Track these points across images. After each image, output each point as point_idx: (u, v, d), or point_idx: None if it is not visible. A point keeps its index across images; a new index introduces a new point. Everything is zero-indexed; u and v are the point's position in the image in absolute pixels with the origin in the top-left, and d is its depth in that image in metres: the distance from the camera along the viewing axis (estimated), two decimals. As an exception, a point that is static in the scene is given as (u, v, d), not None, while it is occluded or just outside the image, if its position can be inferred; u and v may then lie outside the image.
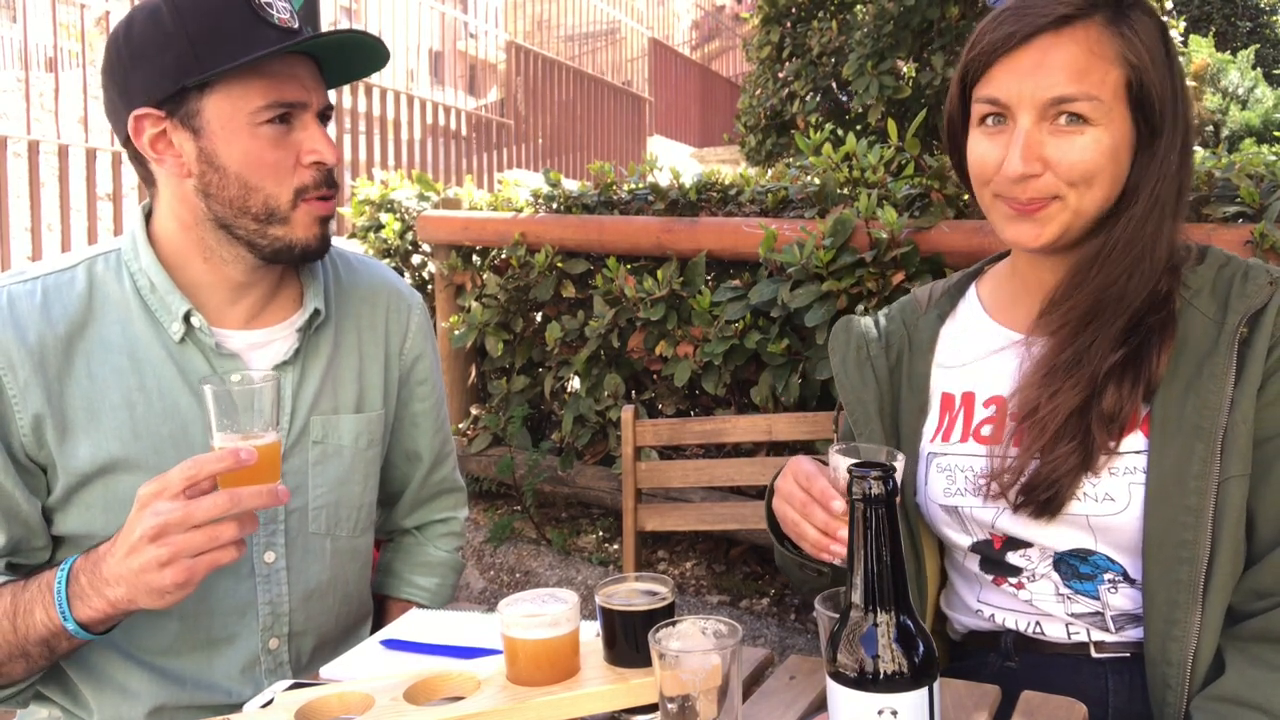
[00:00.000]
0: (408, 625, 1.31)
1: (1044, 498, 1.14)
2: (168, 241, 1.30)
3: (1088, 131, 1.11)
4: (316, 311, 1.37)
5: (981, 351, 1.27)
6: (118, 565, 1.08)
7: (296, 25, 1.23)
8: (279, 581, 1.34)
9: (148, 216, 1.33)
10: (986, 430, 1.22)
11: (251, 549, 1.31)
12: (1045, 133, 1.12)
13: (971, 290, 1.36)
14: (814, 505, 1.07)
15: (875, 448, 1.08)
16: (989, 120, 1.16)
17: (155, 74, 1.21)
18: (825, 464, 1.11)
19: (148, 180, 1.31)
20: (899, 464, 1.04)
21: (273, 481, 1.11)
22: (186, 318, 1.28)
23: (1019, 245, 1.19)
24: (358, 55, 1.30)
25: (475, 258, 3.55)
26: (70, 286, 1.27)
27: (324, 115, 1.30)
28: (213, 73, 1.18)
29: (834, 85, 4.91)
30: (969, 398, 1.26)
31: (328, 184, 1.27)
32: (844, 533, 1.04)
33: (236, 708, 1.31)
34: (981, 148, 1.17)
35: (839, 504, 1.04)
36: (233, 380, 1.12)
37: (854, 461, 1.04)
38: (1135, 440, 1.14)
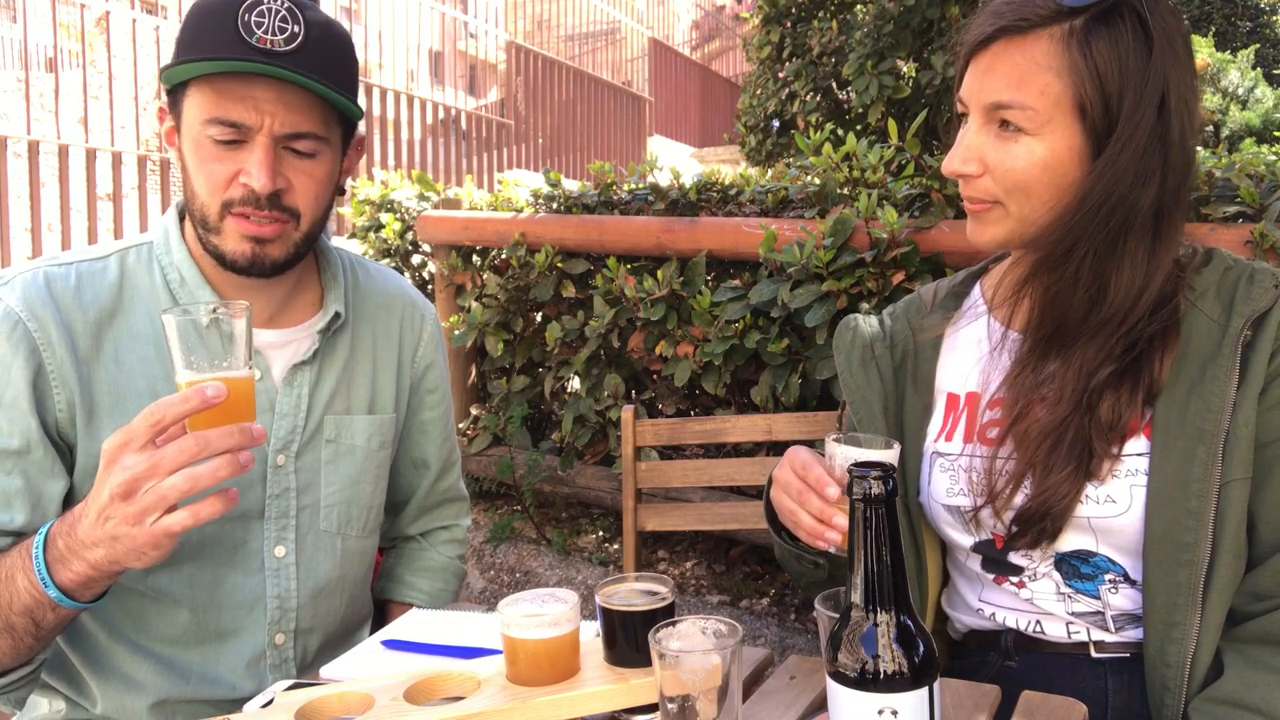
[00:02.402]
0: (408, 625, 1.31)
1: (1039, 528, 1.14)
2: (192, 240, 1.34)
3: (1022, 141, 1.12)
4: (337, 314, 1.40)
5: (985, 351, 1.27)
6: (92, 528, 1.03)
7: (286, 50, 1.20)
8: (288, 577, 1.35)
9: (182, 215, 1.36)
10: (992, 433, 1.22)
11: (263, 543, 1.33)
12: (992, 136, 1.15)
13: (976, 289, 1.36)
14: (810, 493, 1.07)
15: (872, 436, 1.08)
16: (960, 117, 1.20)
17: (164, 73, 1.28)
18: (823, 454, 1.11)
19: None
20: (895, 452, 1.05)
21: (247, 421, 1.02)
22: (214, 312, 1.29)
23: (972, 242, 1.22)
24: (327, 94, 1.25)
25: (475, 258, 3.55)
26: (103, 275, 1.30)
27: (298, 141, 1.25)
28: (167, 78, 1.23)
29: (834, 85, 4.91)
30: (973, 398, 1.26)
31: (256, 205, 1.23)
32: (839, 519, 1.05)
33: (239, 704, 1.31)
34: (954, 146, 1.20)
35: (834, 490, 1.04)
36: (200, 310, 1.03)
37: (851, 450, 1.04)
38: (1137, 443, 1.13)
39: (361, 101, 1.35)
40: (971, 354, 1.29)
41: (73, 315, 1.25)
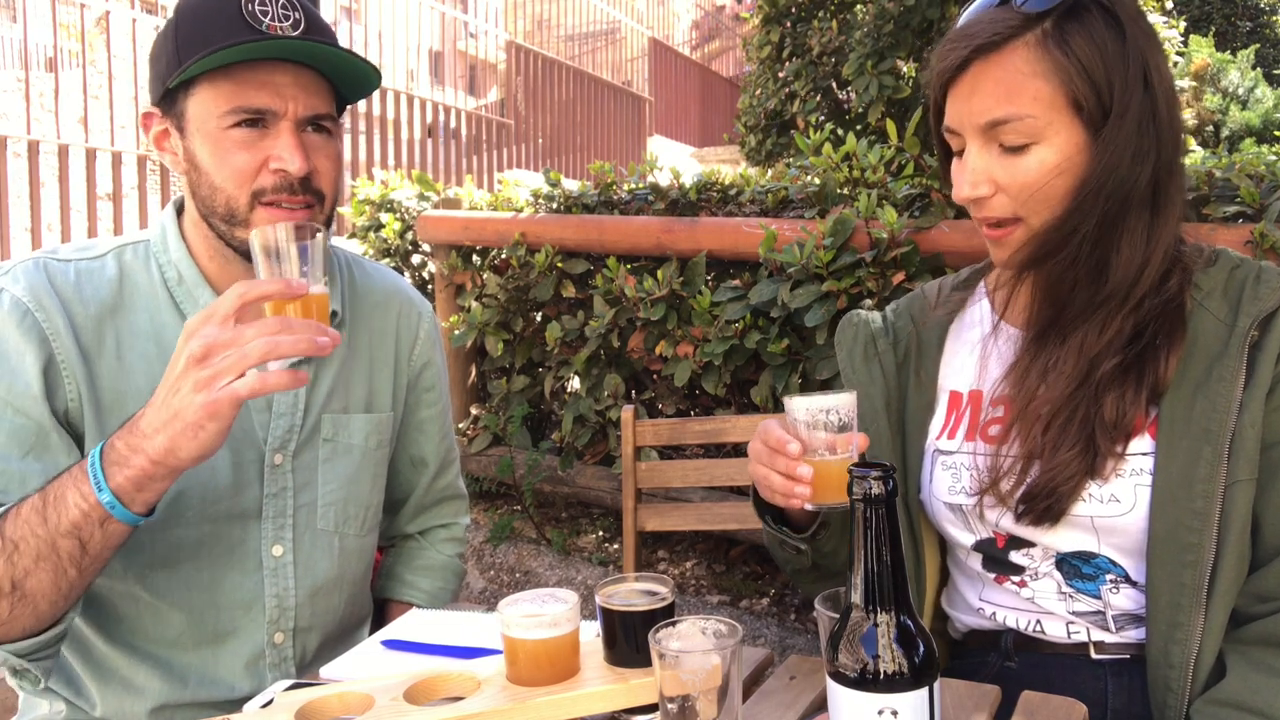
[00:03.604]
0: (408, 625, 1.31)
1: (1044, 505, 1.14)
2: (191, 238, 1.34)
3: (1031, 152, 1.12)
4: (334, 313, 1.39)
5: (989, 349, 1.27)
6: (158, 411, 1.04)
7: (296, 34, 1.22)
8: (286, 576, 1.35)
9: (179, 211, 1.36)
10: (994, 430, 1.22)
11: (260, 542, 1.33)
12: (994, 155, 1.14)
13: (980, 287, 1.36)
14: (776, 455, 1.08)
15: (832, 394, 1.08)
16: (956, 150, 1.19)
17: (156, 76, 1.27)
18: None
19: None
20: (851, 396, 1.06)
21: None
22: None
23: (998, 266, 1.22)
24: (347, 68, 1.28)
25: (475, 258, 3.55)
26: (101, 272, 1.30)
27: (316, 124, 1.28)
28: (177, 76, 1.21)
29: (834, 85, 4.91)
30: (976, 396, 1.26)
31: (290, 191, 1.24)
32: (804, 471, 1.05)
33: (238, 704, 1.31)
34: (955, 175, 1.19)
35: (794, 446, 1.05)
36: (283, 228, 1.09)
37: (805, 400, 1.06)
38: (1142, 442, 1.13)
39: (361, 101, 1.36)
40: (975, 352, 1.29)
41: (75, 308, 1.25)
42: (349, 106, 1.41)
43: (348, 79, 1.30)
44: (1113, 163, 1.09)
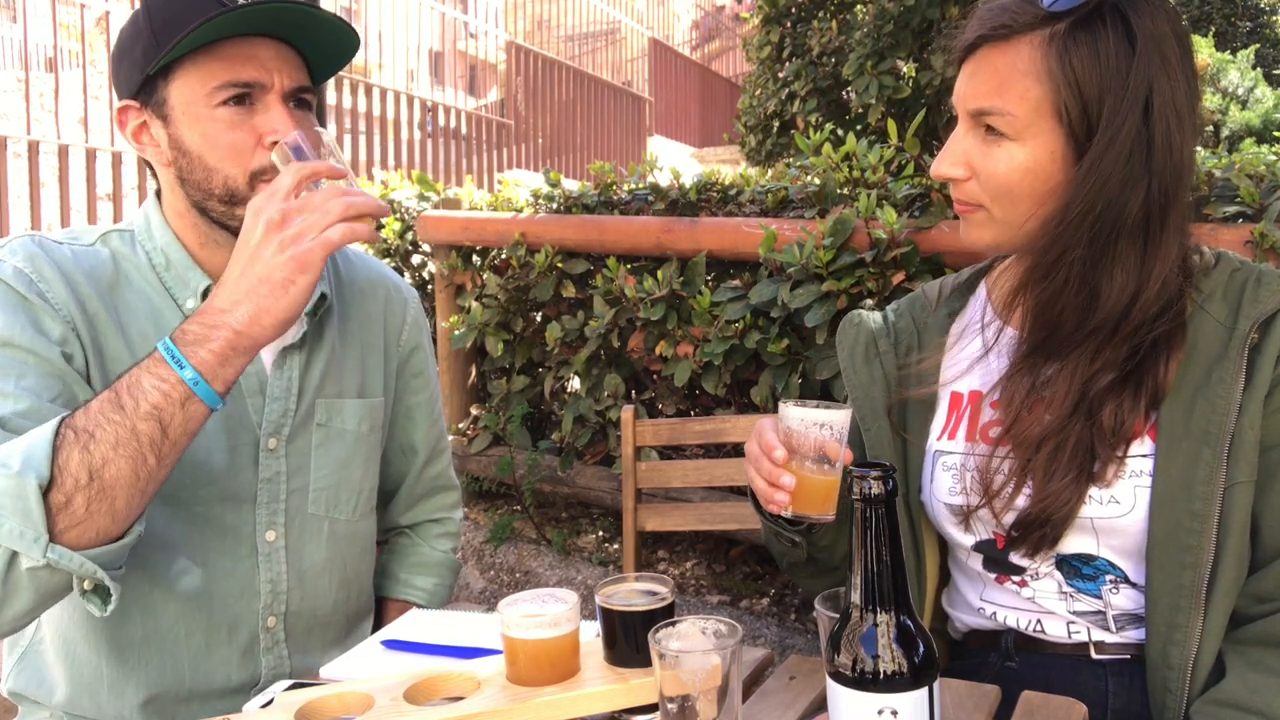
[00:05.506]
0: (408, 625, 1.31)
1: (1038, 535, 1.14)
2: (176, 228, 1.34)
3: (1004, 146, 1.13)
4: (324, 296, 1.40)
5: (989, 349, 1.27)
6: (235, 284, 1.07)
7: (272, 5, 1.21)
8: (279, 560, 1.35)
9: (158, 196, 1.35)
10: (994, 432, 1.22)
11: (255, 528, 1.33)
12: (977, 140, 1.15)
13: (981, 287, 1.36)
14: (762, 458, 1.09)
15: (825, 402, 1.08)
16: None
17: (130, 68, 1.27)
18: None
19: (154, 173, 1.35)
20: (847, 412, 1.06)
21: None
22: (206, 293, 1.29)
23: (963, 243, 1.23)
24: (327, 34, 1.28)
25: (475, 258, 3.55)
26: (95, 255, 1.30)
27: (299, 99, 1.28)
28: (162, 58, 1.20)
29: (834, 85, 4.91)
30: (976, 397, 1.26)
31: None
32: (786, 479, 1.06)
33: (235, 692, 1.31)
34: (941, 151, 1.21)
35: (780, 453, 1.06)
36: (297, 132, 1.16)
37: (800, 411, 1.07)
38: (1142, 445, 1.13)
39: (361, 101, 1.36)
40: (975, 352, 1.29)
41: (76, 279, 1.25)
42: (347, 108, 1.41)
43: (327, 49, 1.30)
44: (1099, 186, 1.09)
